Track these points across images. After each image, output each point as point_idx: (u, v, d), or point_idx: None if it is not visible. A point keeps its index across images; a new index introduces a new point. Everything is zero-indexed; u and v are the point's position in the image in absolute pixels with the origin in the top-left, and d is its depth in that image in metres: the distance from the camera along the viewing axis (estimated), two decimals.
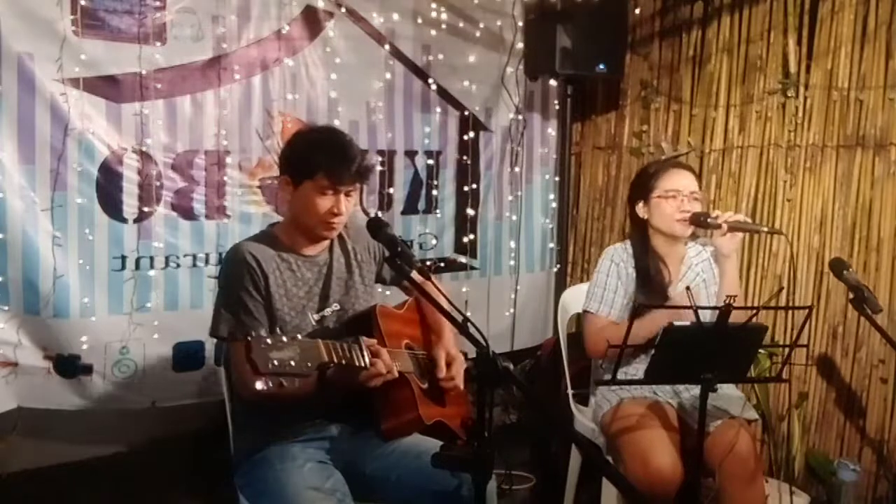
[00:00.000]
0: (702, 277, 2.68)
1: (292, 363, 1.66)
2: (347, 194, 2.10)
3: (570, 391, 2.99)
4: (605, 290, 2.65)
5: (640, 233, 2.70)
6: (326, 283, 2.21)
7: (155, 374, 2.90)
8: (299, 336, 1.74)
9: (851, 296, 2.44)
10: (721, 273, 2.62)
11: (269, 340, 1.65)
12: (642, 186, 2.68)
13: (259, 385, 1.65)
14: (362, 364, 1.89)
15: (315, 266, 2.20)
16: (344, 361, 1.85)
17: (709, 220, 2.53)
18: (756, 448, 2.50)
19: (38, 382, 2.70)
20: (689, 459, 2.37)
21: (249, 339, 1.64)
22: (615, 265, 2.66)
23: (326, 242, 2.23)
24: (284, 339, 1.68)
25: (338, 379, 1.93)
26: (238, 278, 2.07)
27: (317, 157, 2.06)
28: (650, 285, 2.60)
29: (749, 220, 2.60)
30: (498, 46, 3.68)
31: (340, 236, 2.27)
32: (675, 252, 2.69)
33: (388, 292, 2.54)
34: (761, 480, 2.47)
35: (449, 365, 2.22)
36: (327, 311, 2.19)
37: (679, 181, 2.62)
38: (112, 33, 2.71)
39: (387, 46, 3.34)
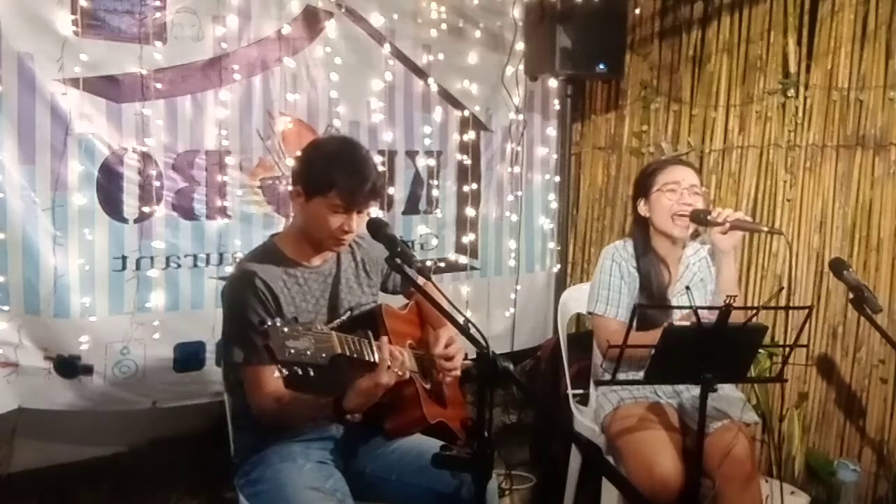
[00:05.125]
0: (699, 277, 2.68)
1: (308, 352, 1.68)
2: (359, 212, 2.08)
3: (570, 391, 2.99)
4: (610, 291, 2.63)
5: (642, 232, 2.69)
6: (334, 294, 2.21)
7: (156, 374, 2.89)
8: (313, 327, 1.74)
9: (851, 296, 2.44)
10: (718, 270, 2.60)
11: (285, 329, 1.66)
12: (643, 183, 2.68)
13: (276, 374, 1.66)
14: (371, 359, 1.89)
15: (321, 276, 2.19)
16: (355, 355, 1.85)
17: (709, 217, 2.52)
18: (753, 451, 2.50)
19: (38, 383, 2.69)
20: (689, 461, 2.37)
21: (267, 326, 1.64)
22: (616, 264, 2.65)
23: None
24: (300, 328, 1.69)
25: (356, 403, 1.91)
26: (247, 302, 2.04)
27: (332, 174, 2.01)
28: (651, 286, 2.60)
29: (749, 219, 2.59)
30: (498, 47, 3.68)
31: (350, 245, 2.26)
32: (674, 252, 2.68)
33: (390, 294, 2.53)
34: (758, 483, 2.47)
35: (448, 345, 2.22)
36: (339, 321, 2.16)
37: (677, 174, 2.62)
38: (112, 33, 2.70)
39: (387, 46, 3.34)
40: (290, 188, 2.17)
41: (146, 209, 2.84)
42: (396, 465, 2.14)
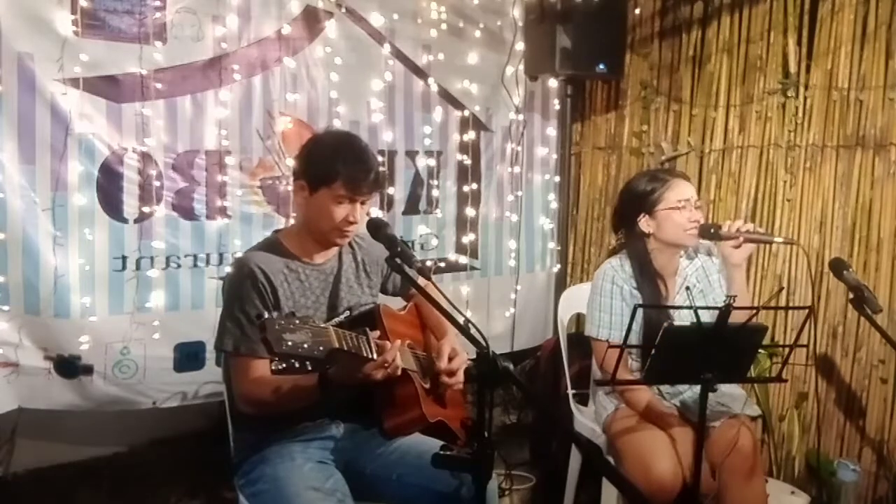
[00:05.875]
0: (698, 289, 2.64)
1: (305, 345, 1.68)
2: (363, 202, 2.10)
3: (570, 391, 2.99)
4: (612, 315, 2.59)
5: (641, 248, 2.63)
6: (334, 292, 2.21)
7: (156, 374, 2.89)
8: (311, 321, 1.74)
9: (851, 296, 2.44)
10: (731, 281, 2.59)
11: (282, 322, 1.66)
12: (644, 200, 2.60)
13: (273, 366, 1.66)
14: (369, 355, 1.90)
15: (322, 274, 2.20)
16: (353, 350, 1.85)
17: (721, 231, 2.49)
18: (757, 444, 2.51)
19: (38, 383, 2.69)
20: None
21: (264, 319, 1.65)
22: (618, 287, 2.60)
23: (335, 249, 2.23)
24: (297, 321, 1.70)
25: (339, 380, 1.93)
26: (245, 292, 2.06)
27: (336, 164, 2.05)
28: (650, 302, 2.56)
29: (761, 230, 2.56)
30: (498, 46, 3.68)
31: (351, 244, 2.27)
32: (671, 265, 2.66)
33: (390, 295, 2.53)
34: (761, 476, 2.48)
35: (451, 359, 2.22)
36: (338, 320, 2.17)
37: (686, 191, 2.58)
38: (112, 33, 2.70)
39: (387, 46, 3.34)
40: (290, 185, 2.18)
41: (146, 209, 2.83)
42: (396, 465, 2.14)
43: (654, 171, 3.07)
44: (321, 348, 1.72)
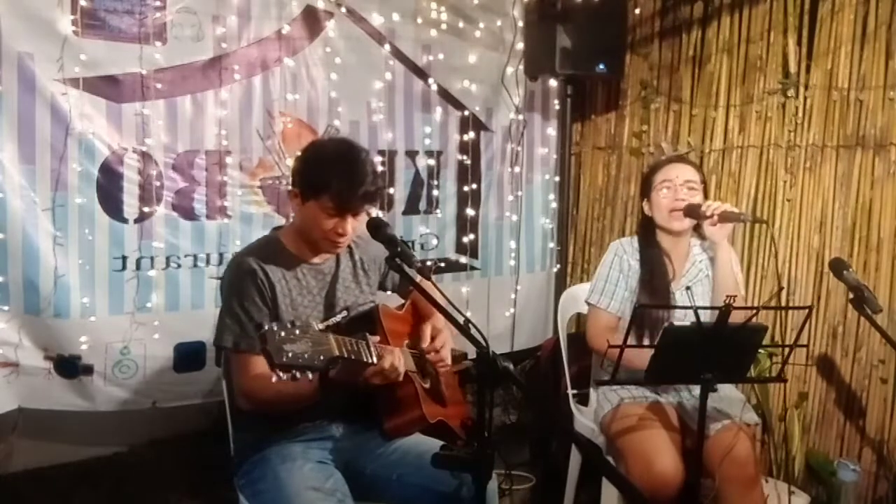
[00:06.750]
0: (705, 273, 2.72)
1: (305, 355, 1.67)
2: (355, 215, 2.08)
3: (570, 391, 2.99)
4: (607, 283, 2.70)
5: (646, 229, 2.75)
6: (331, 292, 2.21)
7: (156, 374, 2.90)
8: (310, 329, 1.74)
9: (851, 296, 2.44)
10: (713, 260, 2.66)
11: (282, 333, 1.66)
12: (644, 183, 2.76)
13: (273, 378, 1.66)
14: (370, 360, 1.90)
15: (320, 274, 2.20)
16: (353, 357, 1.85)
17: (701, 210, 2.57)
18: (755, 452, 2.50)
19: (38, 383, 2.70)
20: (689, 460, 2.37)
21: (264, 330, 1.64)
22: (618, 257, 2.72)
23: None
24: (297, 331, 1.69)
25: (339, 381, 1.93)
26: (244, 289, 2.06)
27: (325, 177, 2.02)
28: (653, 279, 2.63)
29: (735, 210, 2.61)
30: (498, 46, 3.68)
31: (348, 244, 2.27)
32: (679, 248, 2.72)
33: (388, 293, 2.54)
34: (760, 485, 2.47)
35: (433, 338, 2.24)
36: (335, 319, 2.18)
37: (672, 172, 2.68)
38: (112, 33, 2.70)
39: (387, 46, 3.34)
40: (289, 188, 2.17)
41: (146, 209, 2.84)
42: (397, 465, 2.14)
43: (664, 157, 3.13)
44: (321, 357, 1.71)
